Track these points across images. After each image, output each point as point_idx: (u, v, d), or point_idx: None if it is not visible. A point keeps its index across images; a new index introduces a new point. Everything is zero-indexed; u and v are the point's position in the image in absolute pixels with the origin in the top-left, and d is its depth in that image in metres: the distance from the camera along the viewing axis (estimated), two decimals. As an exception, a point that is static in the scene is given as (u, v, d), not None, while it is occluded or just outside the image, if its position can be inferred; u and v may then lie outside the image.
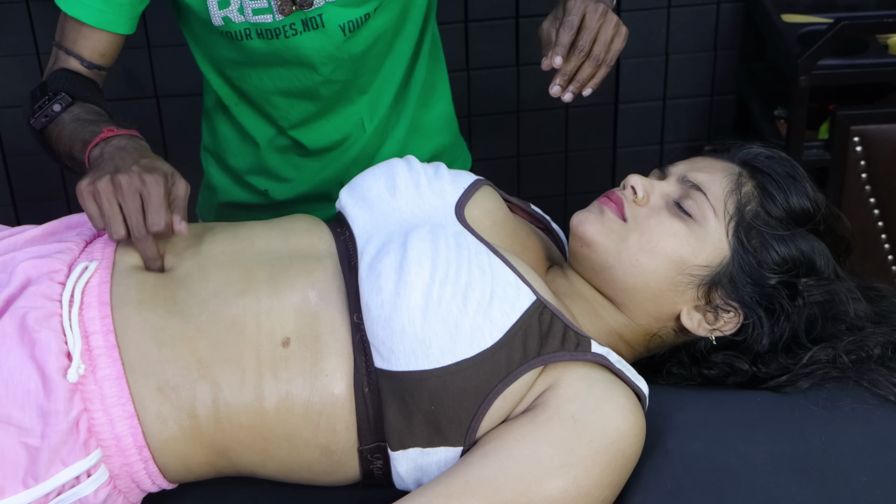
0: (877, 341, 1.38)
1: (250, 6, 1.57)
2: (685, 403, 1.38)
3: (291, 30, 1.60)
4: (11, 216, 2.73)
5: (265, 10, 1.58)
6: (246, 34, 1.60)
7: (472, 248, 1.32)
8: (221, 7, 1.58)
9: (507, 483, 1.23)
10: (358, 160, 1.79)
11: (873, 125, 2.36)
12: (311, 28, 1.60)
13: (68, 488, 1.24)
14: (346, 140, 1.77)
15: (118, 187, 1.31)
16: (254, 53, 1.64)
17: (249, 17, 1.58)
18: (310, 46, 1.62)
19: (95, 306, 1.30)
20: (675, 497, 1.28)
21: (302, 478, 1.34)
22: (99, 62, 1.59)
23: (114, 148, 1.39)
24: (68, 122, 1.51)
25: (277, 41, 1.61)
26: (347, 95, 1.72)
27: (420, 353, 1.25)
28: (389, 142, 1.80)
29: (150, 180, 1.32)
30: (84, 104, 1.54)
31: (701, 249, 1.37)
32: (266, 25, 1.59)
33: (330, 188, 1.82)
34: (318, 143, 1.77)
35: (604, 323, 1.42)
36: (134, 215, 1.31)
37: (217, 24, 1.59)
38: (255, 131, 1.79)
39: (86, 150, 1.43)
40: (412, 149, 1.82)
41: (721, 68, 2.80)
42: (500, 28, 2.70)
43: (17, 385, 1.24)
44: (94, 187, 1.32)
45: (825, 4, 2.61)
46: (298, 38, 1.61)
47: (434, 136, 1.85)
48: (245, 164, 1.83)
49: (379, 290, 1.27)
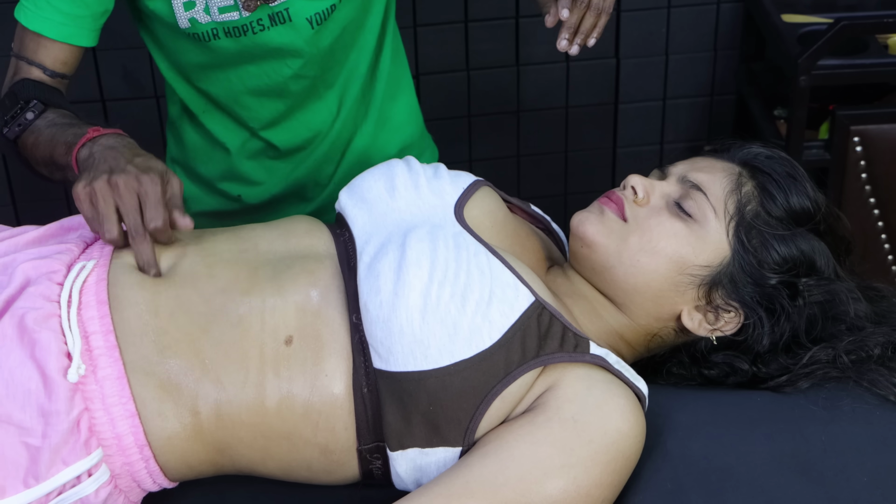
0: (877, 341, 1.38)
1: (216, 5, 1.56)
2: (685, 403, 1.38)
3: (259, 25, 1.59)
4: (11, 216, 2.73)
5: (231, 8, 1.57)
6: (213, 34, 1.59)
7: (471, 248, 1.32)
8: (187, 9, 1.57)
9: (507, 483, 1.23)
10: (329, 156, 1.79)
11: (873, 125, 2.36)
12: (278, 23, 1.60)
13: (69, 488, 1.24)
14: (315, 137, 1.76)
15: (115, 188, 1.31)
16: (222, 54, 1.63)
17: (216, 17, 1.57)
18: (278, 41, 1.62)
19: (94, 306, 1.30)
20: (675, 497, 1.28)
21: (301, 477, 1.34)
22: (62, 70, 1.57)
23: (103, 147, 1.38)
24: (44, 127, 1.49)
25: (245, 38, 1.60)
26: (315, 91, 1.72)
27: (418, 353, 1.25)
28: (359, 135, 1.80)
29: (146, 180, 1.31)
30: (56, 109, 1.52)
31: (701, 249, 1.37)
32: (233, 23, 1.58)
33: (302, 188, 1.81)
34: (290, 142, 1.76)
35: (604, 323, 1.42)
36: (132, 214, 1.31)
37: (183, 27, 1.58)
38: (225, 137, 1.78)
39: (71, 152, 1.41)
40: (382, 142, 1.82)
41: (721, 68, 2.80)
42: (500, 28, 2.70)
43: (17, 385, 1.24)
44: (90, 188, 1.31)
45: (825, 4, 2.62)
46: (266, 34, 1.60)
47: (402, 128, 1.86)
48: (216, 171, 1.82)
49: (377, 290, 1.27)
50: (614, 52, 2.76)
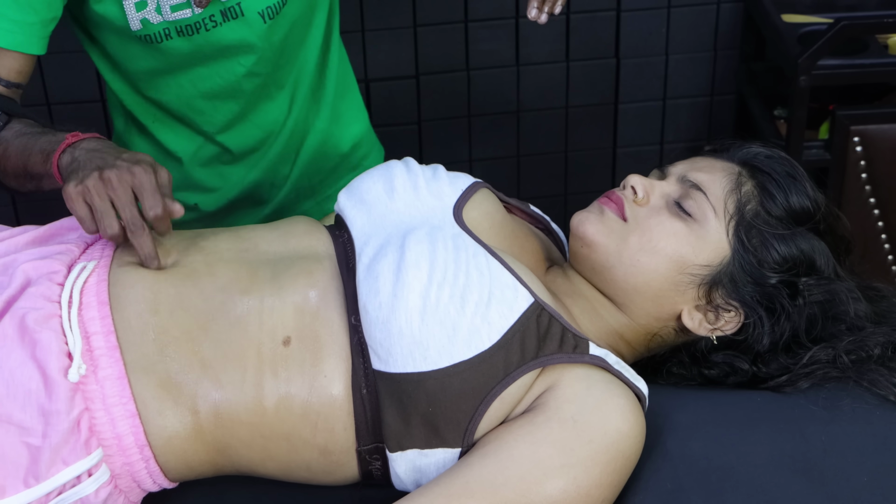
0: (877, 341, 1.38)
1: (168, 3, 1.55)
2: (685, 403, 1.38)
3: (211, 22, 1.59)
4: (11, 216, 2.73)
5: (183, 6, 1.56)
6: (165, 34, 1.58)
7: (470, 249, 1.32)
8: (139, 9, 1.56)
9: (507, 483, 1.23)
10: (283, 157, 1.79)
11: (873, 125, 2.36)
12: (230, 18, 1.59)
13: (69, 488, 1.24)
14: (268, 137, 1.76)
15: (108, 183, 1.30)
16: (174, 56, 1.62)
17: (168, 16, 1.56)
18: (231, 37, 1.61)
19: (94, 306, 1.30)
20: (675, 497, 1.28)
21: (301, 477, 1.34)
22: (17, 80, 1.54)
23: (85, 150, 1.37)
24: (12, 138, 1.47)
25: (198, 36, 1.59)
26: (267, 91, 1.72)
27: (418, 354, 1.25)
28: (312, 134, 1.80)
29: (139, 171, 1.30)
30: (21, 119, 1.50)
31: (701, 249, 1.37)
32: (185, 21, 1.57)
33: (258, 190, 1.81)
34: (244, 144, 1.76)
35: (604, 323, 1.42)
36: (129, 208, 1.30)
37: (135, 29, 1.57)
38: (177, 147, 1.77)
39: (50, 159, 1.40)
40: (335, 139, 1.83)
41: (721, 68, 2.80)
42: (500, 28, 2.70)
43: (18, 385, 1.24)
44: (83, 187, 1.30)
45: (825, 4, 2.62)
46: (219, 30, 1.60)
47: (352, 124, 1.86)
48: None
49: (377, 291, 1.27)
50: (614, 52, 2.76)
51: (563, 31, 2.72)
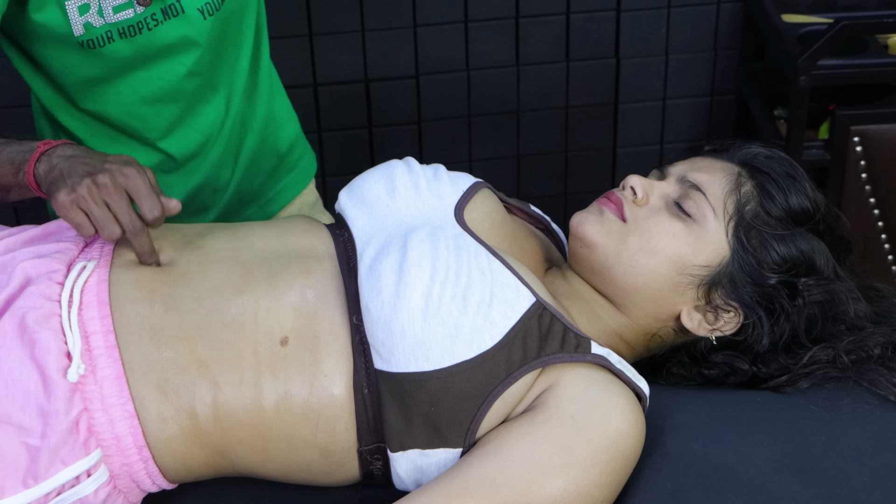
0: (877, 341, 1.38)
1: (110, 5, 1.54)
2: (685, 403, 1.38)
3: (153, 20, 1.58)
4: (11, 216, 2.73)
5: (125, 6, 1.55)
6: (108, 37, 1.57)
7: (472, 249, 1.32)
8: (82, 13, 1.54)
9: (507, 483, 1.23)
10: (223, 160, 1.77)
11: (873, 125, 2.36)
12: (171, 15, 1.59)
13: (68, 488, 1.24)
14: (207, 141, 1.75)
15: (102, 188, 1.29)
16: (114, 60, 1.61)
17: (110, 18, 1.55)
18: (172, 35, 1.60)
19: (94, 306, 1.30)
20: (675, 497, 1.28)
21: (301, 478, 1.34)
22: None
23: (64, 158, 1.36)
24: None
25: (140, 37, 1.59)
26: (203, 94, 1.71)
27: (420, 354, 1.25)
28: (250, 135, 1.79)
29: (132, 173, 1.30)
30: None
31: (701, 249, 1.37)
32: (128, 22, 1.57)
33: (200, 196, 1.79)
34: (185, 150, 1.74)
35: (603, 323, 1.42)
36: (125, 212, 1.30)
37: (78, 34, 1.55)
38: None
39: (22, 170, 1.38)
40: (272, 140, 1.82)
41: (721, 68, 2.80)
42: (500, 28, 2.70)
43: (17, 385, 1.24)
44: (76, 195, 1.29)
45: (825, 4, 2.62)
46: (160, 29, 1.59)
47: (286, 125, 1.86)
48: None
49: (379, 291, 1.27)
50: (614, 52, 2.76)
51: (563, 31, 2.72)
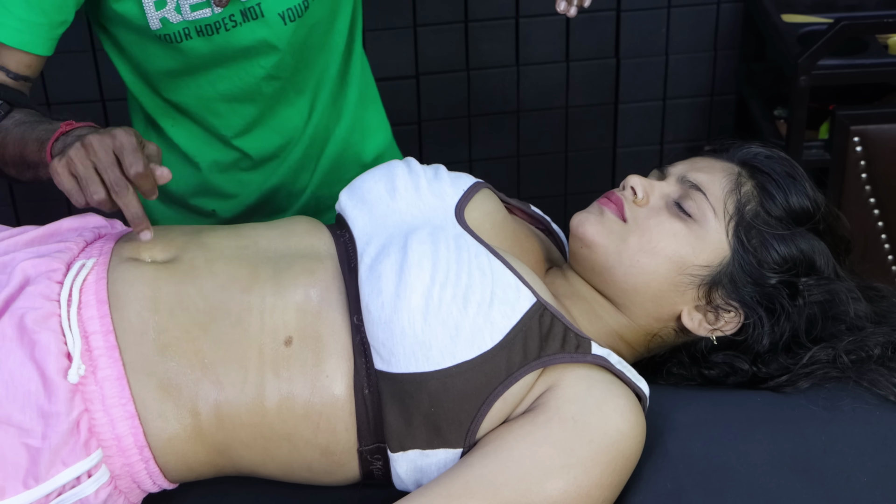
0: (877, 341, 1.38)
1: (187, 3, 1.54)
2: (685, 403, 1.38)
3: (231, 21, 1.58)
4: (11, 216, 2.73)
5: (203, 5, 1.55)
6: (185, 34, 1.57)
7: (472, 250, 1.32)
8: (158, 8, 1.55)
9: (507, 483, 1.23)
10: (303, 164, 1.77)
11: (873, 125, 2.36)
12: (250, 18, 1.58)
13: (69, 489, 1.24)
14: (288, 144, 1.75)
15: (89, 148, 1.27)
16: (193, 56, 1.61)
17: (187, 15, 1.55)
18: (250, 38, 1.60)
19: (94, 305, 1.30)
20: (675, 497, 1.28)
21: (302, 477, 1.34)
22: (25, 73, 1.54)
23: (75, 137, 1.35)
24: (12, 127, 1.46)
25: (217, 37, 1.58)
26: (286, 96, 1.70)
27: (420, 355, 1.25)
28: (332, 142, 1.79)
29: (119, 132, 1.27)
30: (23, 109, 1.49)
31: (701, 249, 1.37)
32: (205, 21, 1.57)
33: (276, 198, 1.80)
34: (262, 150, 1.74)
35: (604, 323, 1.42)
36: (110, 169, 1.26)
37: (155, 28, 1.56)
38: (195, 152, 1.75)
39: (44, 148, 1.38)
40: (356, 149, 1.81)
41: (721, 68, 2.80)
42: (500, 28, 2.70)
43: (17, 386, 1.24)
44: (66, 158, 1.27)
45: (825, 4, 2.62)
46: (238, 31, 1.59)
47: (374, 135, 1.85)
48: (188, 186, 1.79)
49: (379, 291, 1.27)
50: (614, 52, 2.76)
51: (563, 31, 2.72)
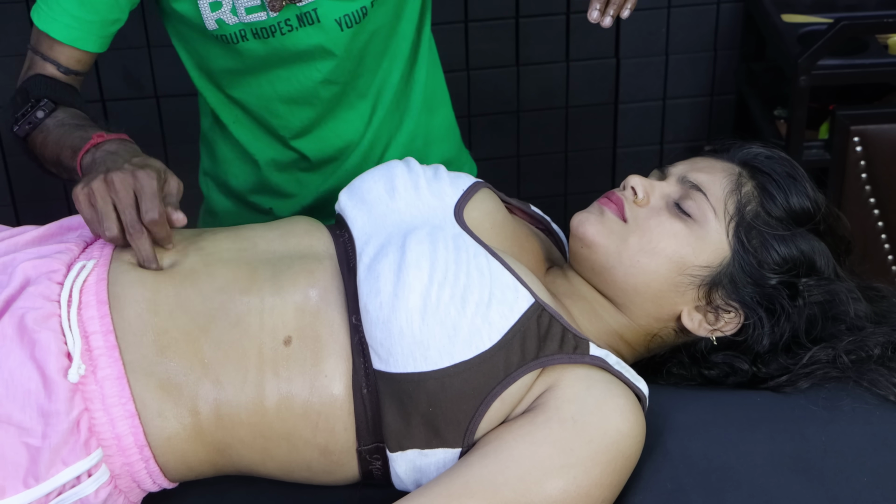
0: (877, 341, 1.38)
1: (242, 5, 1.55)
2: (685, 403, 1.38)
3: (287, 26, 1.58)
4: (11, 216, 2.73)
5: (258, 8, 1.55)
6: (241, 35, 1.58)
7: (471, 250, 1.32)
8: (213, 9, 1.56)
9: (507, 483, 1.23)
10: (361, 168, 1.74)
11: (873, 125, 2.36)
12: (306, 23, 1.58)
13: (69, 488, 1.24)
14: (347, 147, 1.74)
15: (111, 185, 1.31)
16: (250, 57, 1.62)
17: (243, 17, 1.56)
18: (306, 43, 1.60)
19: (94, 305, 1.30)
20: (675, 497, 1.28)
21: (301, 477, 1.34)
22: (76, 68, 1.57)
23: (105, 153, 1.39)
24: (53, 127, 1.50)
25: (273, 40, 1.59)
26: (347, 99, 1.70)
27: (418, 354, 1.25)
28: (392, 148, 1.77)
29: (142, 175, 1.31)
30: (67, 108, 1.52)
31: (701, 250, 1.37)
32: (260, 24, 1.57)
33: (334, 200, 1.78)
34: (320, 152, 1.74)
35: (604, 323, 1.42)
36: (128, 210, 1.30)
37: (211, 29, 1.57)
38: (255, 150, 1.76)
39: (76, 156, 1.42)
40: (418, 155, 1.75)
41: (721, 68, 2.80)
42: (500, 28, 2.69)
43: (17, 385, 1.24)
44: (88, 189, 1.32)
45: (825, 4, 2.62)
46: (294, 35, 1.59)
47: (439, 143, 1.83)
48: (247, 183, 1.81)
49: (377, 291, 1.27)
50: (614, 52, 2.76)
51: (563, 31, 2.72)
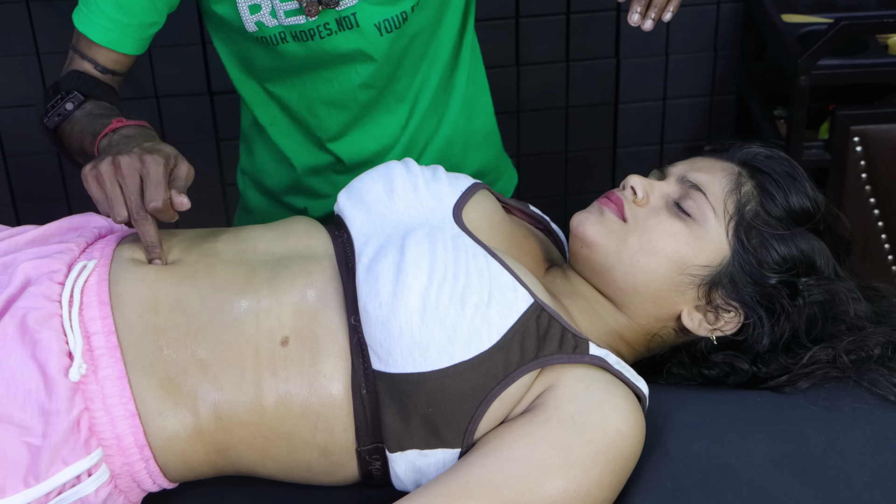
0: (877, 341, 1.38)
1: (282, 8, 1.55)
2: (685, 403, 1.38)
3: (326, 30, 1.58)
4: (11, 216, 2.73)
5: (297, 12, 1.55)
6: (281, 38, 1.58)
7: (470, 250, 1.32)
8: (253, 12, 1.56)
9: (507, 483, 1.23)
10: None
11: (873, 125, 2.36)
12: (345, 28, 1.58)
13: (69, 487, 1.25)
14: (383, 151, 1.73)
15: (118, 168, 1.31)
16: (291, 58, 1.62)
17: (282, 20, 1.56)
18: (346, 47, 1.60)
19: (95, 306, 1.30)
20: (675, 497, 1.28)
21: (301, 477, 1.34)
22: (113, 68, 1.58)
23: (121, 136, 1.39)
24: (80, 118, 1.51)
25: (312, 43, 1.59)
26: (384, 103, 1.69)
27: (418, 355, 1.25)
28: (429, 152, 1.76)
29: (149, 160, 1.31)
30: (96, 101, 1.53)
31: (701, 249, 1.37)
32: (300, 27, 1.57)
33: None
34: (356, 155, 1.73)
35: (604, 323, 1.42)
36: (133, 195, 1.30)
37: (251, 31, 1.57)
38: (291, 153, 1.76)
39: (96, 140, 1.42)
40: (455, 160, 1.78)
41: (721, 68, 2.80)
42: (500, 28, 2.69)
43: (18, 385, 1.24)
44: (96, 170, 1.31)
45: (825, 4, 2.62)
46: (333, 39, 1.59)
47: (476, 149, 1.82)
48: (282, 184, 1.81)
49: (377, 292, 1.27)
50: (614, 52, 2.76)
51: (563, 31, 2.72)
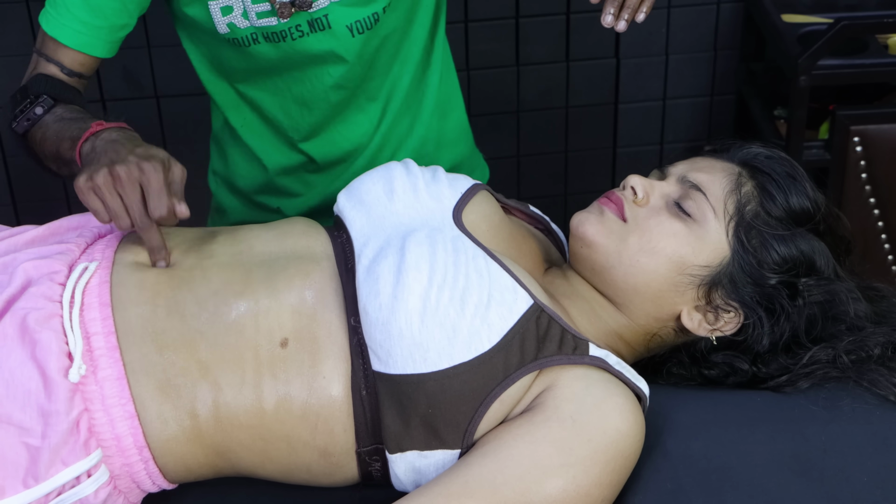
0: (877, 341, 1.38)
1: (254, 10, 1.55)
2: (685, 403, 1.38)
3: (298, 31, 1.57)
4: (11, 216, 2.73)
5: (269, 13, 1.55)
6: (253, 39, 1.58)
7: (470, 252, 1.32)
8: (225, 13, 1.55)
9: (507, 483, 1.23)
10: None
11: (873, 125, 2.36)
12: (317, 29, 1.58)
13: (68, 488, 1.24)
14: (355, 150, 1.73)
15: (117, 179, 1.30)
16: (263, 60, 1.61)
17: (254, 22, 1.56)
18: (317, 48, 1.60)
19: (96, 307, 1.30)
20: (675, 497, 1.28)
21: (301, 479, 1.34)
22: (80, 70, 1.57)
23: (105, 141, 1.38)
24: (52, 122, 1.49)
25: (284, 44, 1.58)
26: (356, 102, 1.69)
27: (418, 356, 1.25)
28: (402, 151, 1.76)
29: (148, 168, 1.30)
30: (66, 105, 1.52)
31: (701, 249, 1.37)
32: (272, 28, 1.57)
33: None
34: (328, 155, 1.73)
35: (603, 323, 1.42)
36: (136, 206, 1.30)
37: (223, 32, 1.57)
38: (263, 154, 1.76)
39: (75, 146, 1.41)
40: (429, 159, 1.78)
41: (721, 68, 2.80)
42: (500, 28, 2.69)
43: (17, 385, 1.24)
44: (92, 182, 1.30)
45: (825, 4, 2.61)
46: (305, 40, 1.59)
47: (450, 147, 1.82)
48: (254, 184, 1.80)
49: (377, 293, 1.27)
50: (614, 52, 2.76)
51: (563, 31, 2.72)
